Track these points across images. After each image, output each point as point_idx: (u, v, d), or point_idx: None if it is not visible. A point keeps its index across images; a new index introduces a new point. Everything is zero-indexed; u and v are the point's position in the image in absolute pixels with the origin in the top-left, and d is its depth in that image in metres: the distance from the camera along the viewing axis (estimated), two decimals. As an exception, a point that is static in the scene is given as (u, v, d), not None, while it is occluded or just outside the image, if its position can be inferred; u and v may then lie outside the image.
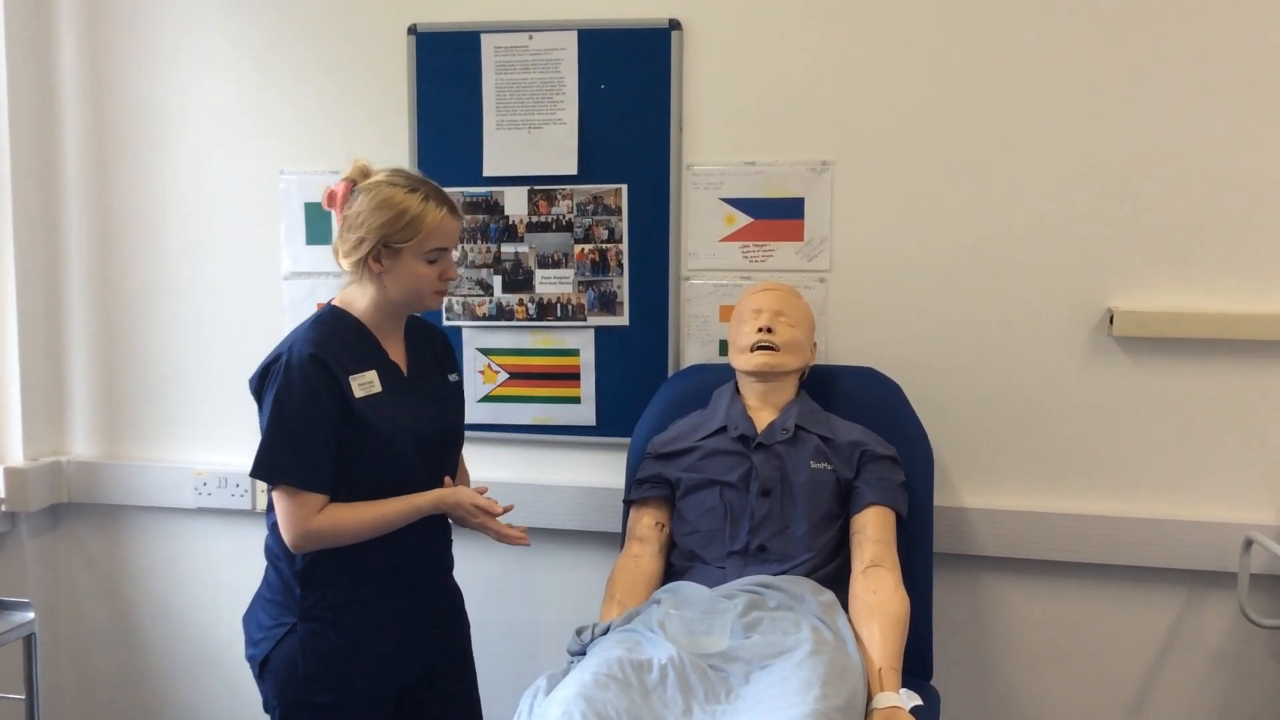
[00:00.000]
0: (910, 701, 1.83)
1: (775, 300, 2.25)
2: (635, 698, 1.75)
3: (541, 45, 2.51)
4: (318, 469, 1.90)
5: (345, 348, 1.96)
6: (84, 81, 2.77)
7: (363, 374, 1.96)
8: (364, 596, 2.00)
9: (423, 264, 1.97)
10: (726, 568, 2.09)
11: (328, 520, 1.91)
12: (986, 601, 2.47)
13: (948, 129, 2.38)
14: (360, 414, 1.93)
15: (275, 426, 1.89)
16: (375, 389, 1.96)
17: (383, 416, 1.95)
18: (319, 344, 1.93)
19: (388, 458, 1.96)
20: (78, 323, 2.83)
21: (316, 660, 1.96)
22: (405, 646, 2.04)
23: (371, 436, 1.93)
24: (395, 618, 2.03)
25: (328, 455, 1.91)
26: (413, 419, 2.00)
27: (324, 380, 1.90)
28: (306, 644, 1.96)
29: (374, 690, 2.00)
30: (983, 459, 2.43)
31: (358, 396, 1.93)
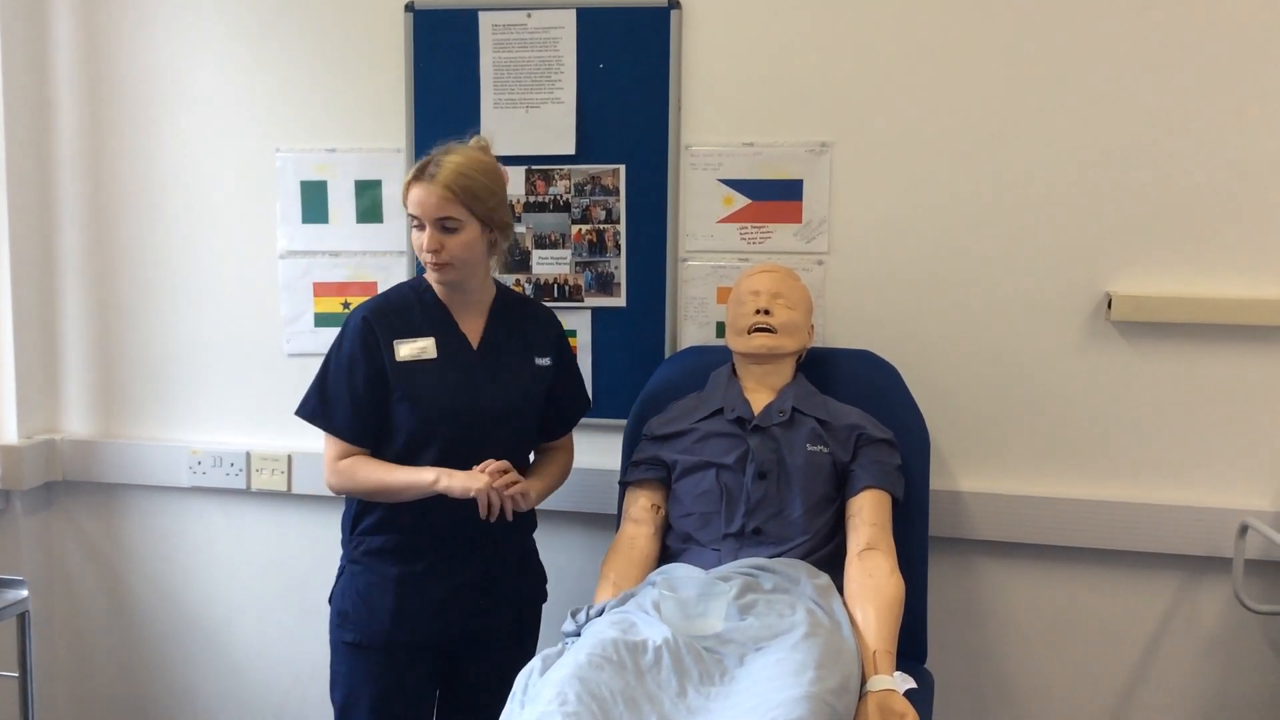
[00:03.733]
0: (905, 684, 1.83)
1: (773, 282, 2.24)
2: (630, 679, 1.75)
3: (540, 24, 2.49)
4: (345, 418, 2.06)
5: (403, 313, 2.10)
6: (79, 60, 2.75)
7: (416, 340, 2.08)
8: (400, 547, 2.10)
9: (416, 235, 2.05)
10: (722, 550, 2.08)
11: (346, 469, 2.07)
12: (981, 585, 2.47)
13: (947, 111, 2.37)
14: (398, 377, 2.05)
15: (320, 373, 2.11)
16: (428, 355, 2.07)
17: (422, 383, 2.06)
18: (375, 308, 2.11)
19: (418, 422, 2.06)
20: (72, 301, 2.82)
21: (348, 600, 2.13)
22: (438, 602, 2.11)
23: (406, 399, 2.06)
24: (428, 572, 2.11)
25: (357, 407, 2.06)
26: (459, 390, 2.07)
27: (367, 339, 2.07)
28: (345, 584, 2.15)
29: (398, 638, 2.10)
30: (979, 443, 2.43)
31: (401, 359, 2.06)
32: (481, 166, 2.03)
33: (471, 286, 2.11)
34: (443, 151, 2.03)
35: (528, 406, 2.15)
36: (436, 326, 2.10)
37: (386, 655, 2.11)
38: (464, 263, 2.04)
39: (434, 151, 2.04)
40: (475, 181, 2.00)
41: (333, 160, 2.63)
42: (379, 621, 2.10)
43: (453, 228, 2.01)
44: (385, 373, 2.06)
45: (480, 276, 2.11)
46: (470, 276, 2.08)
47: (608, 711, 1.67)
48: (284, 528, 2.77)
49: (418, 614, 2.11)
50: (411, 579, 2.10)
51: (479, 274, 2.10)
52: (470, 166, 2.01)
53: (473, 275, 2.08)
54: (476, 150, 2.06)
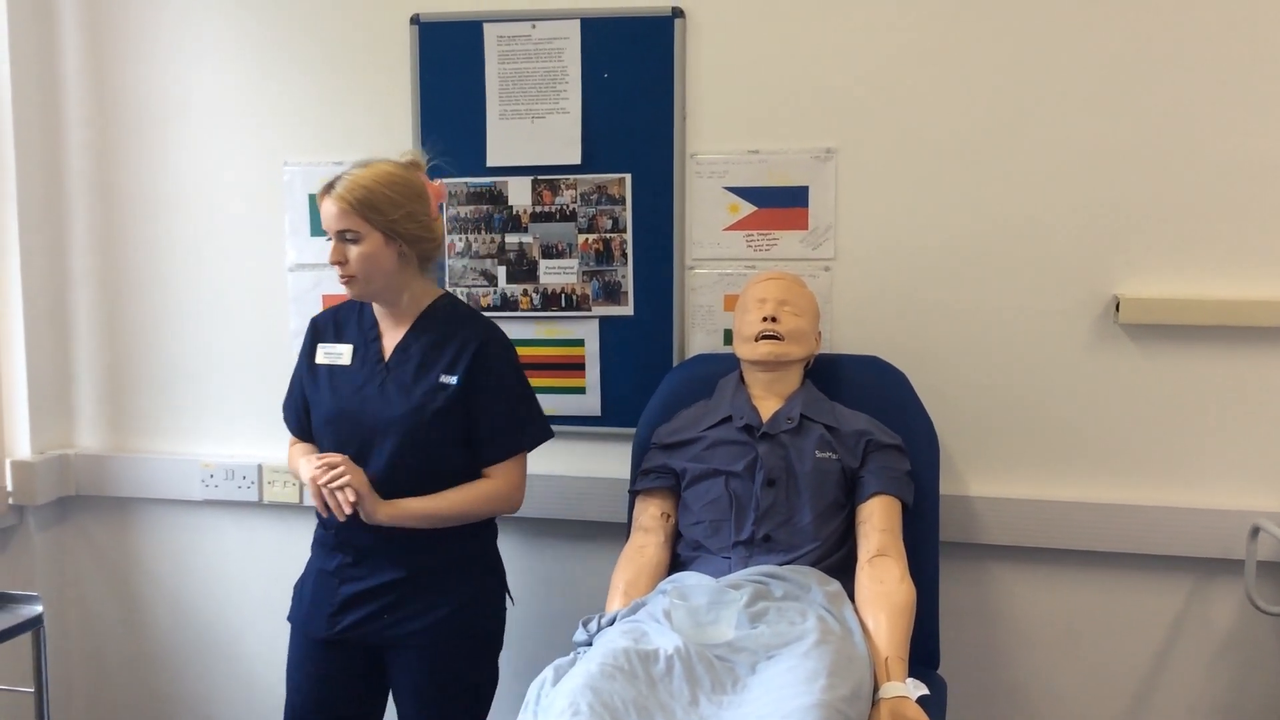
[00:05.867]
0: (917, 691, 1.83)
1: (780, 289, 2.24)
2: (642, 688, 1.75)
3: (544, 34, 2.50)
4: (287, 409, 2.26)
5: (344, 321, 2.20)
6: (87, 75, 2.77)
7: (337, 345, 2.17)
8: (323, 541, 2.19)
9: None
10: (732, 558, 2.08)
11: (288, 453, 2.27)
12: (993, 590, 2.47)
13: (952, 116, 2.37)
14: (309, 379, 2.18)
15: None
16: (341, 361, 2.15)
17: (321, 387, 2.15)
18: (324, 314, 2.24)
19: (314, 424, 2.17)
20: (83, 316, 2.84)
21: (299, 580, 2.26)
22: (342, 602, 2.13)
23: (308, 401, 2.19)
24: (339, 571, 2.15)
25: (293, 402, 2.24)
26: (348, 398, 2.11)
27: (308, 340, 2.22)
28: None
29: (310, 630, 2.17)
30: (989, 447, 2.43)
31: (318, 362, 2.17)
32: (388, 179, 2.04)
33: (391, 298, 2.11)
34: (355, 165, 2.07)
35: (419, 422, 2.06)
36: (363, 335, 2.15)
37: (308, 643, 2.18)
38: (367, 274, 2.04)
39: (349, 165, 2.08)
40: (375, 194, 2.01)
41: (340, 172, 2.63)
42: (300, 609, 2.20)
43: (353, 239, 2.02)
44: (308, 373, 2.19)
45: (397, 288, 2.10)
46: (382, 289, 2.08)
47: (619, 721, 1.67)
48: (297, 540, 2.78)
49: (324, 610, 2.15)
50: (325, 575, 2.16)
51: (394, 285, 2.09)
52: (373, 179, 2.02)
53: (385, 287, 2.08)
54: (390, 164, 2.07)
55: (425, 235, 2.09)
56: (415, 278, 2.12)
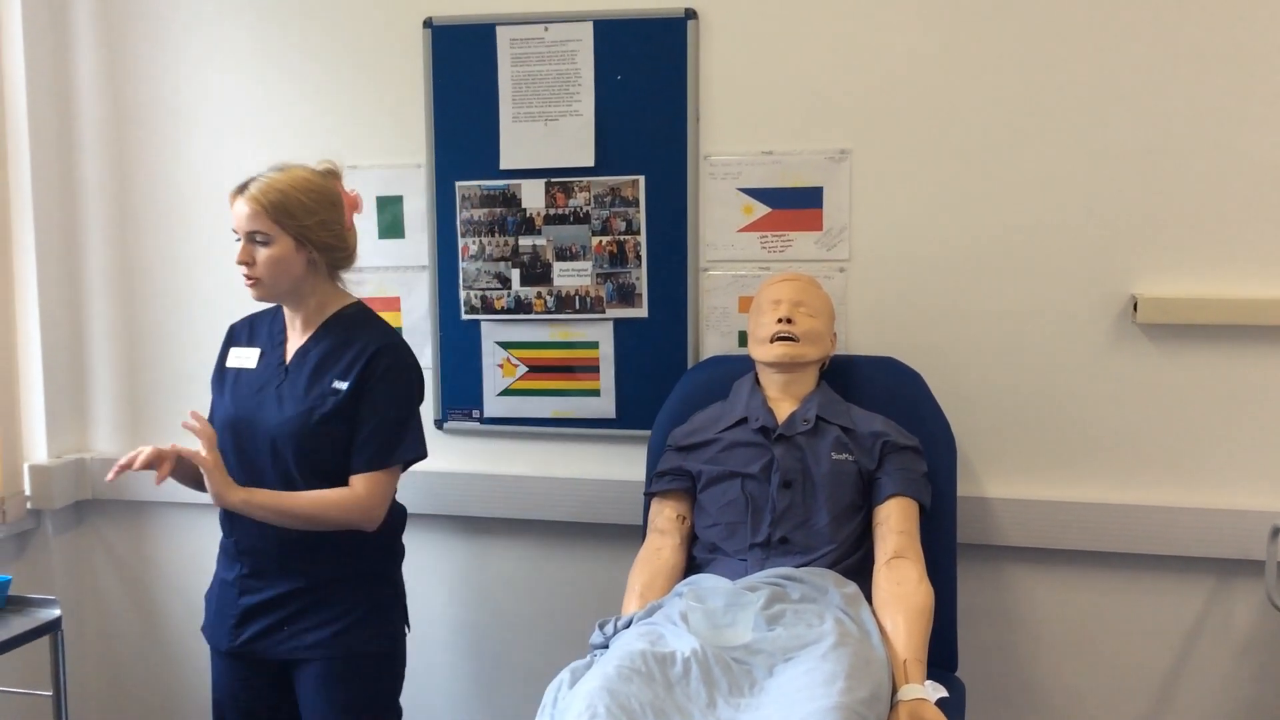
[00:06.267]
0: (936, 693, 1.82)
1: (794, 290, 2.23)
2: (659, 690, 1.75)
3: (557, 36, 2.50)
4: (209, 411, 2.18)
5: (260, 324, 2.19)
6: (101, 79, 2.78)
7: (247, 349, 2.16)
8: (225, 550, 2.17)
9: None
10: (748, 560, 2.08)
11: None
12: (1011, 592, 2.46)
13: (968, 116, 2.36)
14: (215, 382, 2.17)
15: None
16: (247, 365, 2.13)
17: (221, 391, 2.14)
18: (245, 317, 2.23)
19: (216, 428, 2.06)
20: (99, 321, 2.85)
21: None
22: (240, 614, 2.10)
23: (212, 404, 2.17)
24: (237, 582, 2.12)
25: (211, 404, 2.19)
26: (244, 404, 2.09)
27: (222, 346, 2.21)
28: None
29: (212, 641, 2.16)
30: (1006, 449, 2.42)
31: (228, 366, 2.16)
32: (303, 184, 2.02)
33: (296, 303, 2.09)
34: (271, 168, 2.05)
35: (305, 427, 2.02)
36: (271, 339, 2.14)
37: (216, 655, 2.16)
38: (273, 278, 2.02)
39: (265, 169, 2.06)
40: (289, 198, 1.99)
41: (354, 176, 2.64)
42: (207, 620, 2.18)
43: (262, 241, 2.01)
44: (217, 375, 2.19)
45: (303, 294, 2.08)
46: (287, 293, 2.06)
47: (637, 723, 1.67)
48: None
49: (227, 622, 2.12)
50: (226, 585, 2.14)
51: (300, 291, 2.07)
52: (288, 183, 2.01)
53: (290, 292, 2.06)
54: (308, 171, 2.06)
55: (337, 244, 2.07)
56: (324, 284, 2.10)
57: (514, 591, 2.69)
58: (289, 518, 2.01)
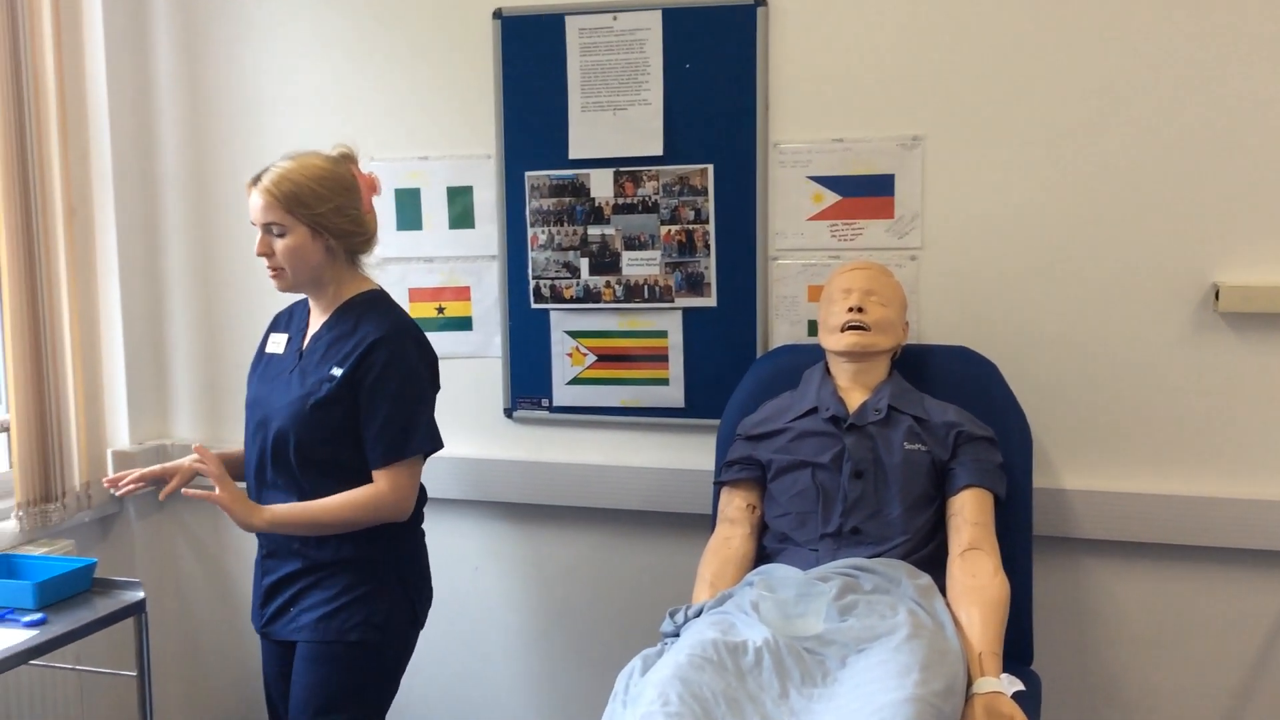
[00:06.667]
0: (1012, 687, 1.80)
1: (866, 279, 2.21)
2: (730, 680, 1.75)
3: (626, 26, 2.50)
4: None
5: (295, 312, 2.21)
6: (179, 76, 2.84)
7: (281, 335, 2.18)
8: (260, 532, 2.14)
9: None
10: (819, 550, 2.07)
11: None
12: (1088, 585, 2.42)
13: (1042, 99, 2.31)
14: (255, 365, 2.20)
15: None
16: (277, 350, 2.16)
17: (256, 373, 2.18)
18: (294, 304, 2.23)
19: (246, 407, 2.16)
20: (178, 311, 2.91)
21: None
22: (262, 593, 2.15)
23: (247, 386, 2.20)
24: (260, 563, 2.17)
25: None
26: (260, 387, 2.14)
27: (266, 330, 2.25)
28: None
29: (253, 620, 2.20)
30: (1083, 439, 2.37)
31: (266, 351, 2.19)
32: (315, 172, 2.02)
33: (317, 291, 2.11)
34: (284, 158, 2.05)
35: (300, 411, 2.02)
36: (298, 326, 2.16)
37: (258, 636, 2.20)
38: (293, 267, 2.03)
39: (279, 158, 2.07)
40: (301, 187, 1.99)
41: (425, 167, 2.68)
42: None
43: (279, 232, 2.01)
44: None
45: (324, 281, 2.09)
46: (308, 281, 2.07)
47: (710, 712, 1.67)
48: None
49: (256, 602, 2.17)
50: (256, 565, 2.18)
51: (321, 279, 2.08)
52: (300, 172, 2.01)
53: (311, 280, 2.07)
54: (319, 158, 2.05)
55: (354, 229, 2.07)
56: (343, 271, 2.10)
57: (583, 580, 2.70)
58: (319, 526, 2.01)
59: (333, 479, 2.03)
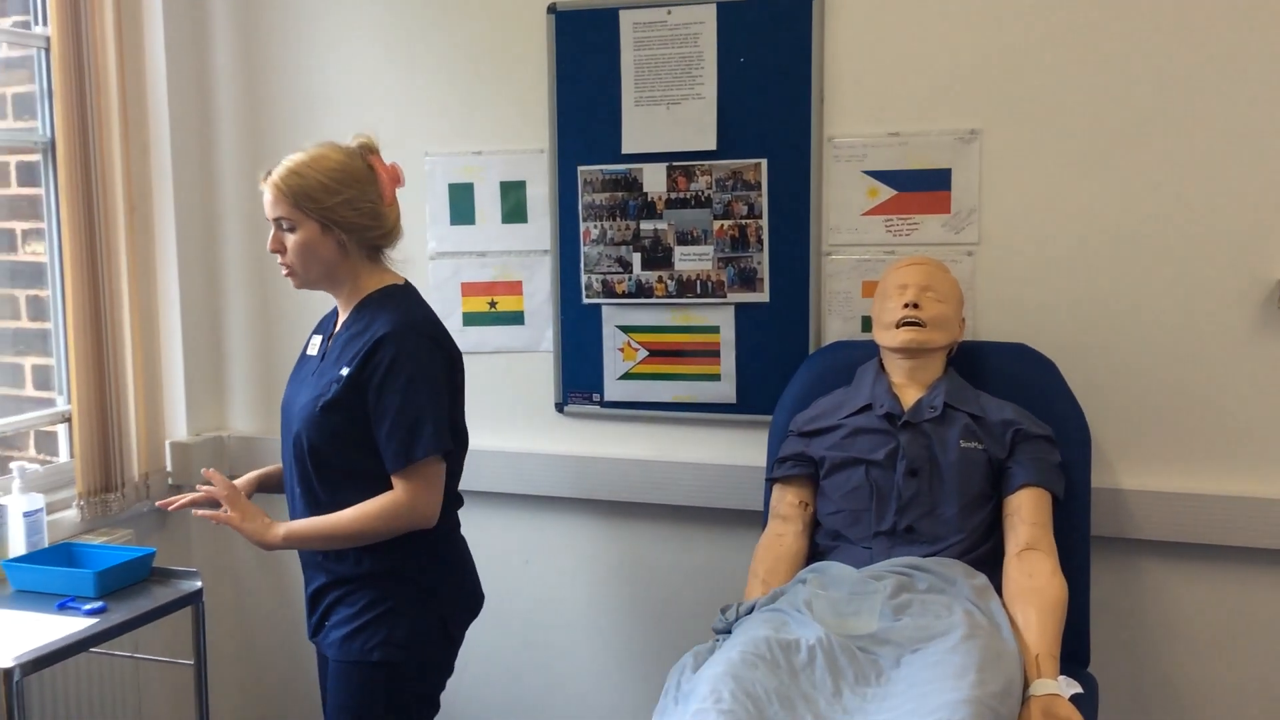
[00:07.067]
0: (1070, 689, 1.78)
1: (922, 275, 2.19)
2: (783, 678, 1.74)
3: (680, 19, 2.49)
4: None
5: (335, 310, 2.11)
6: (238, 71, 2.87)
7: (317, 336, 2.11)
8: None
9: None
10: (873, 548, 2.05)
11: None
12: (1146, 587, 2.37)
13: (1103, 92, 2.27)
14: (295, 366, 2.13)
15: None
16: (312, 352, 2.09)
17: (290, 379, 2.10)
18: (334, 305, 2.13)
19: None
20: (236, 305, 2.95)
21: None
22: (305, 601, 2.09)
23: None
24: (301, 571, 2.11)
25: None
26: (291, 394, 2.07)
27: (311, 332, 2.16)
28: None
29: None
30: (1142, 439, 2.33)
31: (305, 353, 2.11)
32: (324, 164, 1.93)
33: (334, 289, 2.02)
34: (300, 149, 1.97)
35: (312, 414, 1.93)
36: (329, 326, 2.09)
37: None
38: (303, 264, 1.96)
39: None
40: (308, 180, 1.91)
41: (479, 162, 2.69)
42: None
43: (288, 227, 1.94)
44: None
45: (339, 279, 2.00)
46: (321, 279, 1.99)
47: (762, 710, 1.66)
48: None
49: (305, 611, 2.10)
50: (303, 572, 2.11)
51: (335, 275, 1.99)
52: (308, 165, 1.92)
53: (325, 277, 1.99)
54: (331, 148, 1.97)
55: (368, 223, 1.96)
56: (362, 266, 2.00)
57: (634, 575, 2.70)
58: (337, 540, 1.93)
59: (352, 488, 1.93)
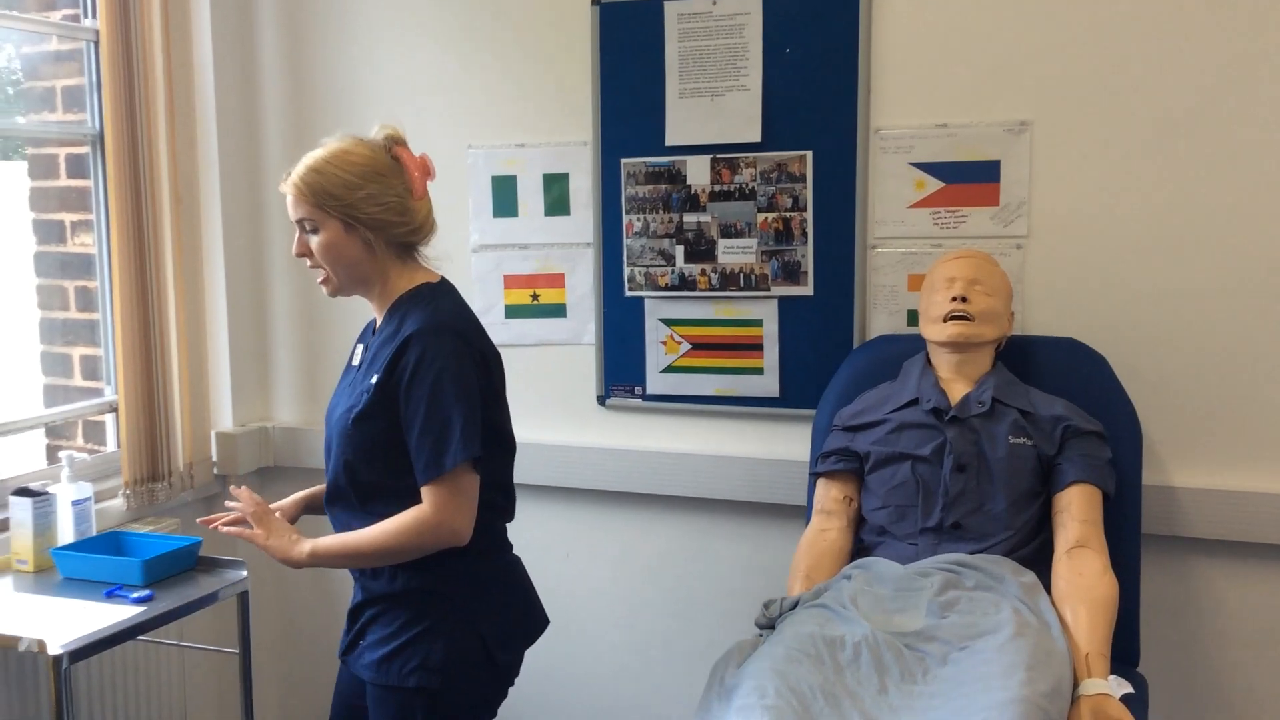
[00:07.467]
0: (1120, 689, 1.75)
1: (970, 268, 2.16)
2: (828, 674, 1.73)
3: (725, 10, 2.47)
4: None
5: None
6: (284, 64, 2.89)
7: (359, 346, 1.96)
8: None
9: None
10: (919, 545, 2.03)
11: None
12: (1198, 585, 2.33)
13: (1156, 83, 2.23)
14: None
15: None
16: (354, 361, 1.95)
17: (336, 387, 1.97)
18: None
19: None
20: (281, 297, 2.97)
21: None
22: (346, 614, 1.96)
23: None
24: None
25: None
26: (333, 403, 1.93)
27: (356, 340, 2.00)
28: None
29: None
30: (1194, 435, 2.29)
31: (349, 363, 1.97)
32: (341, 158, 1.80)
33: (365, 292, 1.89)
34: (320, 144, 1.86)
35: (345, 427, 1.82)
36: (369, 333, 1.96)
37: None
38: (331, 266, 1.82)
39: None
40: (326, 176, 1.79)
41: (522, 155, 2.68)
42: None
43: (311, 228, 1.82)
44: None
45: (368, 280, 1.86)
46: (350, 282, 1.86)
47: (808, 707, 1.65)
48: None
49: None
50: None
51: (365, 277, 1.86)
52: (326, 159, 1.80)
53: (354, 280, 1.86)
54: (352, 141, 1.85)
55: (393, 219, 1.82)
56: (392, 266, 1.86)
57: (675, 569, 2.69)
58: (363, 558, 1.81)
59: (389, 506, 1.80)
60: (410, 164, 1.87)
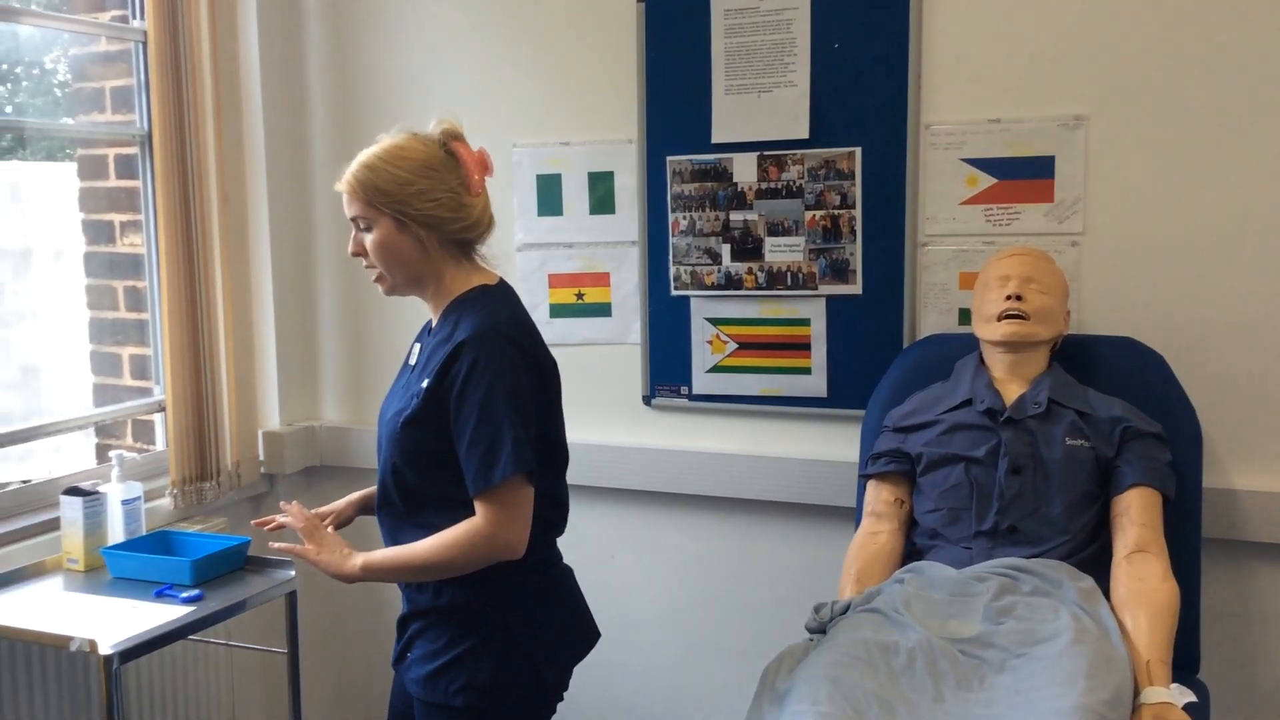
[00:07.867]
0: (1183, 698, 1.71)
1: (1025, 266, 2.12)
2: (882, 680, 1.70)
3: (773, 6, 2.44)
4: None
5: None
6: (330, 64, 2.89)
7: (416, 345, 1.93)
8: None
9: None
10: (973, 549, 1.99)
11: None
12: (1259, 591, 2.27)
13: (1214, 77, 2.17)
14: None
15: None
16: (410, 361, 1.91)
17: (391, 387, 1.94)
18: None
19: None
20: (328, 296, 2.98)
21: None
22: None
23: None
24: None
25: None
26: (386, 403, 1.90)
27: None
28: None
29: None
30: (1256, 437, 2.23)
31: (406, 362, 1.93)
32: (393, 154, 1.77)
33: (420, 292, 1.85)
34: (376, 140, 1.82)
35: (394, 431, 1.79)
36: (425, 333, 1.93)
37: None
38: (386, 266, 1.79)
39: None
40: (378, 173, 1.75)
41: (566, 153, 2.67)
42: None
43: (365, 226, 1.79)
44: None
45: (422, 280, 1.83)
46: (405, 281, 1.82)
47: (862, 713, 1.63)
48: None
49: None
50: None
51: (419, 276, 1.82)
52: (378, 155, 1.77)
53: (409, 279, 1.82)
54: (406, 136, 1.81)
55: (446, 216, 1.78)
56: (446, 265, 1.82)
57: (723, 570, 2.67)
58: (416, 571, 1.78)
59: (436, 513, 1.78)
60: (467, 159, 1.82)
